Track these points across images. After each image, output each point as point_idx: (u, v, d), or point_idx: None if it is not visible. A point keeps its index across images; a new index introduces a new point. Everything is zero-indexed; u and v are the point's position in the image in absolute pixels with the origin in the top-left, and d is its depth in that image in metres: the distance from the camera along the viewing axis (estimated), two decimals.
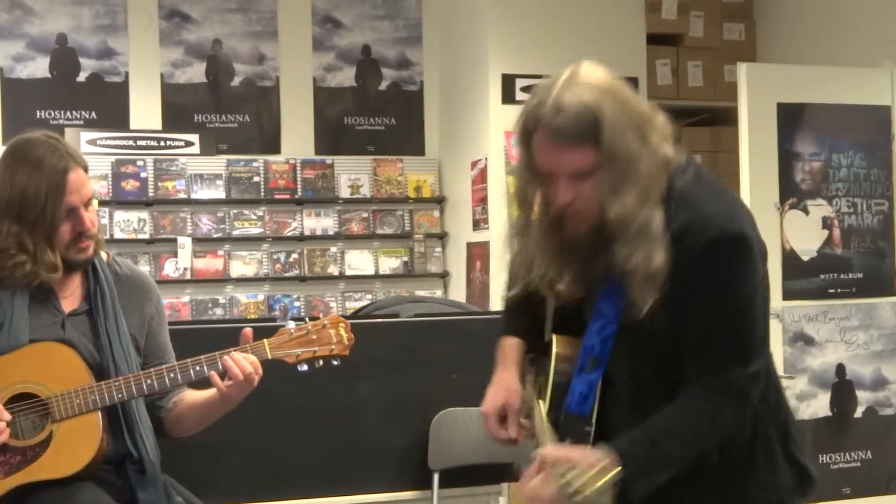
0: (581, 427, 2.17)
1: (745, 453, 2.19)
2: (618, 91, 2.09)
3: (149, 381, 2.67)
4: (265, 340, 2.67)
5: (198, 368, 2.67)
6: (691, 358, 2.11)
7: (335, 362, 2.72)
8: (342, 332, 2.72)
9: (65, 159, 2.66)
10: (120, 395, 2.65)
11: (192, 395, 2.80)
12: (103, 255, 2.84)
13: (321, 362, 2.71)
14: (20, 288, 2.69)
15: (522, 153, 2.15)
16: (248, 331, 2.69)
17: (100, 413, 2.66)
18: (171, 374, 2.67)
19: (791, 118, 4.78)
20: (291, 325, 2.70)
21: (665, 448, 2.07)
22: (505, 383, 2.34)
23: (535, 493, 2.02)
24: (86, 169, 2.73)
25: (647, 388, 2.16)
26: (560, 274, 2.17)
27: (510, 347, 2.39)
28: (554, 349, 2.24)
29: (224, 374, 2.64)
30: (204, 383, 2.74)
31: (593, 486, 1.90)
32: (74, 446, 2.64)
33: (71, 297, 2.78)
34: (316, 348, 2.69)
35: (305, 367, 2.70)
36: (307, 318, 2.73)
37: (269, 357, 2.66)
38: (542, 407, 2.23)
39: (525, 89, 6.10)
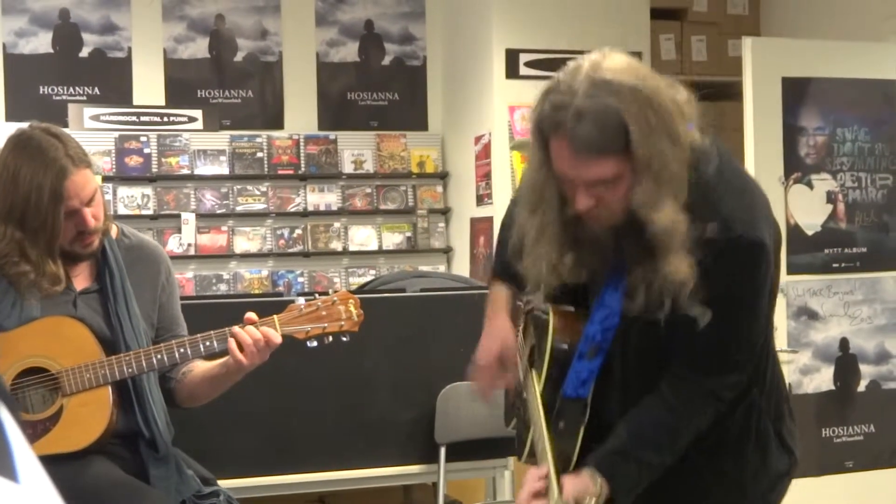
0: (577, 413, 2.16)
1: (738, 442, 2.21)
2: (645, 87, 1.94)
3: (159, 356, 2.68)
4: (275, 316, 2.68)
5: (207, 344, 2.68)
6: (680, 356, 2.10)
7: (344, 338, 2.73)
8: (352, 308, 2.73)
9: (63, 163, 2.62)
10: (130, 370, 2.66)
11: (201, 366, 2.81)
12: (114, 229, 2.84)
13: (331, 338, 2.72)
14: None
15: (538, 152, 2.02)
16: (251, 315, 2.69)
17: (110, 388, 2.68)
18: (182, 350, 2.68)
19: (795, 92, 4.77)
20: (301, 301, 2.71)
21: (647, 460, 2.09)
22: (499, 330, 2.37)
23: None
24: (88, 165, 2.70)
25: (640, 380, 2.16)
26: (567, 260, 2.12)
27: (501, 294, 2.41)
28: (551, 324, 2.22)
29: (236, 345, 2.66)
30: (213, 357, 2.76)
31: None
32: (85, 420, 2.66)
33: (81, 276, 2.79)
34: (326, 324, 2.70)
35: (315, 343, 2.71)
36: (317, 294, 2.74)
37: (280, 333, 2.67)
38: (536, 383, 2.22)
39: (529, 64, 6.09)
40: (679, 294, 1.98)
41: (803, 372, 4.74)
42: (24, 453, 0.76)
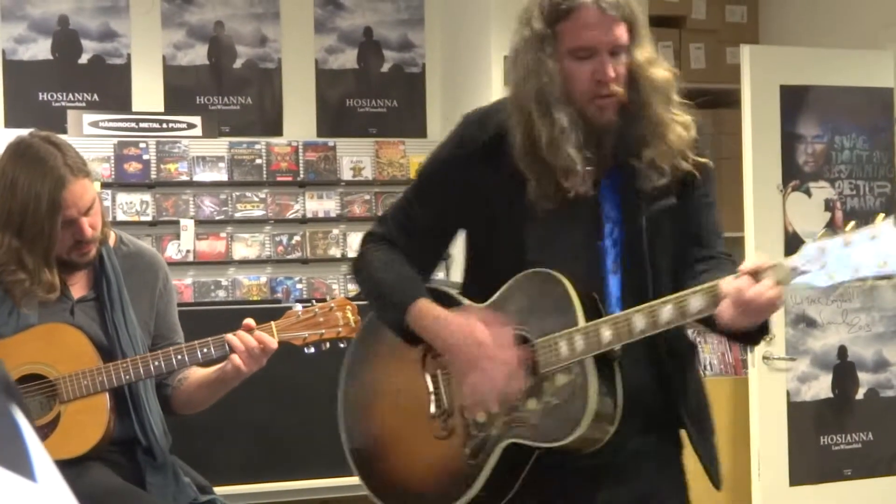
0: None
1: (692, 349, 2.42)
2: None
3: (156, 363, 2.68)
4: (272, 323, 2.68)
5: (205, 350, 2.68)
6: (705, 240, 2.26)
7: (342, 344, 2.73)
8: (349, 314, 2.73)
9: (61, 172, 2.62)
10: (127, 377, 2.67)
11: (197, 373, 2.81)
12: (111, 236, 2.85)
13: (328, 344, 2.72)
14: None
15: (550, 43, 2.16)
16: (248, 321, 2.70)
17: (107, 395, 2.68)
18: (179, 356, 2.68)
19: (793, 100, 4.78)
20: (298, 307, 2.71)
21: None
22: (464, 315, 2.19)
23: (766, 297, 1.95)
24: (87, 174, 2.70)
25: (657, 279, 2.21)
26: (574, 170, 2.14)
27: (437, 308, 2.22)
28: (567, 284, 2.16)
29: (231, 351, 2.66)
30: (210, 364, 2.76)
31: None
32: (82, 427, 2.66)
33: (79, 285, 2.79)
34: (323, 331, 2.70)
35: (312, 350, 2.71)
36: (314, 301, 2.74)
37: (277, 339, 2.67)
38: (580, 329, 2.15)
39: None
40: (685, 153, 2.18)
41: (801, 379, 4.74)
42: (39, 453, 0.76)
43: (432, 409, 2.28)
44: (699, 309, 2.03)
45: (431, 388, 2.29)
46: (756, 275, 1.97)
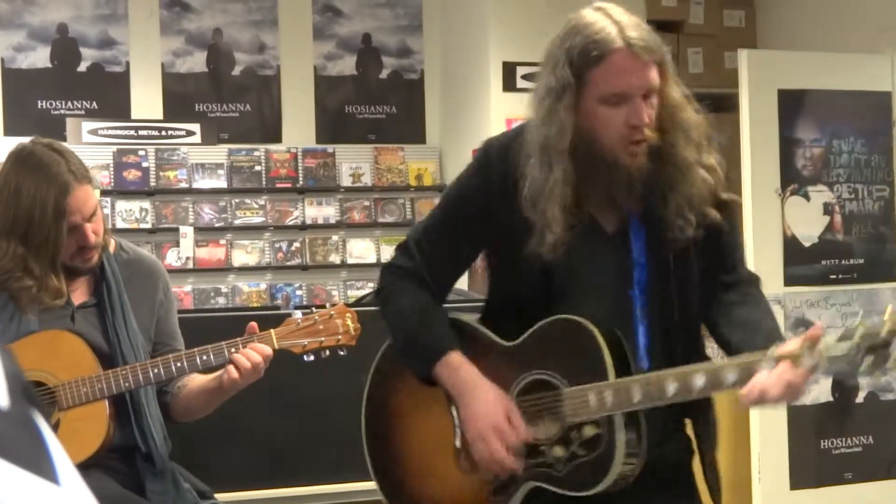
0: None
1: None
2: None
3: (155, 370, 2.68)
4: (272, 331, 2.68)
5: (204, 358, 2.68)
6: (728, 265, 2.28)
7: (342, 352, 2.73)
8: (349, 322, 2.72)
9: (65, 178, 2.63)
10: (127, 384, 2.66)
11: (196, 380, 2.81)
12: (111, 243, 2.85)
13: (328, 352, 2.72)
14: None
15: (567, 92, 2.10)
16: (253, 324, 2.70)
17: (107, 402, 2.67)
18: (178, 363, 2.68)
19: (792, 104, 4.79)
20: (298, 315, 2.71)
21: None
22: (494, 394, 2.19)
23: (791, 387, 1.98)
24: (89, 180, 2.71)
25: (685, 319, 2.22)
26: (550, 229, 2.11)
27: (468, 364, 2.23)
28: (598, 336, 2.14)
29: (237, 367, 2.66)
30: (209, 371, 2.75)
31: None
32: (81, 435, 2.66)
33: (79, 291, 2.79)
34: (322, 338, 2.69)
35: (312, 357, 2.71)
36: (314, 308, 2.74)
37: (276, 347, 2.67)
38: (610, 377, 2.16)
39: (526, 77, 6.10)
40: (715, 190, 2.16)
41: None
42: (61, 456, 0.77)
43: (457, 442, 2.29)
44: (733, 382, 2.02)
45: (457, 422, 2.28)
46: (795, 360, 1.99)
